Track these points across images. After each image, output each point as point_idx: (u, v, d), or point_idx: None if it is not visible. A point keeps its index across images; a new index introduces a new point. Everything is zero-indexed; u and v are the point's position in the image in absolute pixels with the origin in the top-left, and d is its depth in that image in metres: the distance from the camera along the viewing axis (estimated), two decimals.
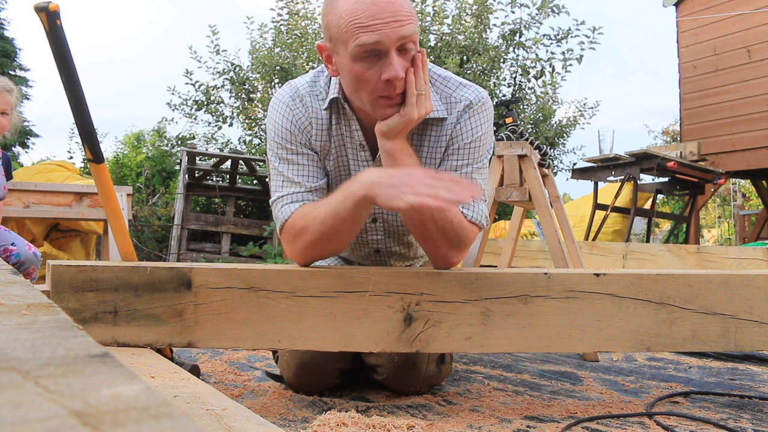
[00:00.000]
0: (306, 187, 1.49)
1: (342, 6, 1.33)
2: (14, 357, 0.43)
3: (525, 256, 4.20)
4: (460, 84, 1.53)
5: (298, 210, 1.45)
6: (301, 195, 1.48)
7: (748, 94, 6.92)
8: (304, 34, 7.59)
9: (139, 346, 1.31)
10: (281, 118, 1.51)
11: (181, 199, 6.46)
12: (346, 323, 1.38)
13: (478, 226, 1.48)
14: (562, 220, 2.47)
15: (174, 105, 8.40)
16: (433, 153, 1.52)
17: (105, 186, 1.57)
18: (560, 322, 1.41)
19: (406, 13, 1.32)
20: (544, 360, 2.20)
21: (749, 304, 1.44)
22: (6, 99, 2.62)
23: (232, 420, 0.80)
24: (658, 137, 16.10)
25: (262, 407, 1.52)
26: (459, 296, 1.40)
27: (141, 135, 10.22)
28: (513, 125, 2.72)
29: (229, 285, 1.35)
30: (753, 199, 13.13)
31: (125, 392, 0.35)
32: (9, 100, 2.62)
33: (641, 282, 1.42)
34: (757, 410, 1.55)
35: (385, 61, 1.32)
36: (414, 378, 1.65)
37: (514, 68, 7.63)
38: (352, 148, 1.53)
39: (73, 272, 1.29)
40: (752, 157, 6.88)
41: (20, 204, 3.63)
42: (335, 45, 1.37)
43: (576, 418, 1.44)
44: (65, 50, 1.42)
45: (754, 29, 6.89)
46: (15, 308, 0.66)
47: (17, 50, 15.93)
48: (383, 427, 1.27)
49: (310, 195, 1.49)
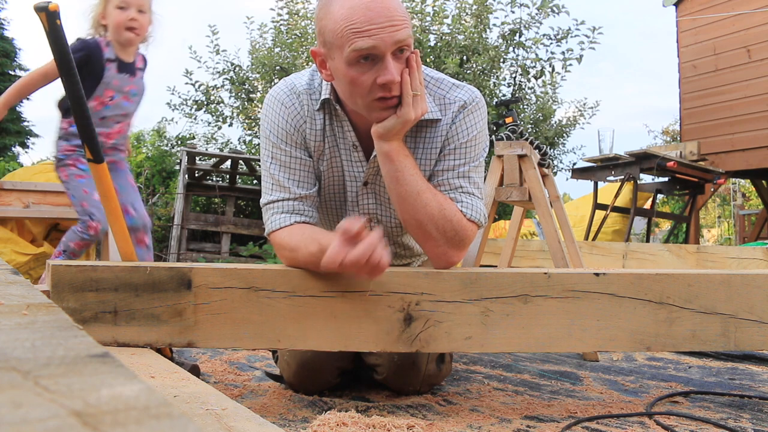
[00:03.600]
0: (295, 194, 1.49)
1: (337, 11, 1.33)
2: (14, 357, 0.43)
3: (525, 256, 4.20)
4: (453, 85, 1.53)
5: (287, 229, 1.46)
6: (290, 204, 1.48)
7: (748, 94, 6.91)
8: (304, 34, 7.59)
9: (139, 346, 1.31)
10: (277, 116, 1.51)
11: (181, 199, 6.45)
12: (346, 323, 1.38)
13: (477, 224, 1.48)
14: (562, 220, 2.47)
15: (174, 105, 8.40)
16: (427, 155, 1.52)
17: (105, 186, 1.57)
18: (560, 322, 1.41)
19: (400, 17, 1.32)
20: (544, 360, 2.20)
21: (749, 303, 1.44)
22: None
23: (232, 420, 0.80)
24: (658, 137, 16.12)
25: (262, 407, 1.52)
26: (459, 296, 1.40)
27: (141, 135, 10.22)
28: (513, 125, 2.72)
29: (229, 285, 1.35)
30: (753, 198, 13.13)
31: (125, 392, 0.35)
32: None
33: (641, 282, 1.42)
34: (757, 410, 1.55)
35: (381, 66, 1.32)
36: (414, 378, 1.65)
37: (514, 68, 7.63)
38: (346, 149, 1.53)
39: (73, 272, 1.29)
40: (752, 157, 6.88)
41: (20, 204, 3.63)
42: (330, 50, 1.37)
43: (576, 418, 1.44)
44: (65, 50, 1.42)
45: (754, 29, 6.88)
46: (15, 308, 0.66)
47: (17, 50, 15.96)
48: (383, 426, 1.27)
49: (300, 204, 1.49)
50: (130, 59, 2.49)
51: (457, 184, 1.49)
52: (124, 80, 2.47)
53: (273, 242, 1.50)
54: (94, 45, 2.41)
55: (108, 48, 2.43)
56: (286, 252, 1.44)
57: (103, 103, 2.43)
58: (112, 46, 2.43)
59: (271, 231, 1.49)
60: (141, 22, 2.41)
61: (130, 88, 2.49)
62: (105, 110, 2.44)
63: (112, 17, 2.39)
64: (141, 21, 2.41)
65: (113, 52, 2.44)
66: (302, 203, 1.50)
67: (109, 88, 2.42)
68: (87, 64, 2.37)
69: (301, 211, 1.49)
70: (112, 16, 2.39)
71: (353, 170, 1.54)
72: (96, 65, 2.39)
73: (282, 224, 1.47)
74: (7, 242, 3.79)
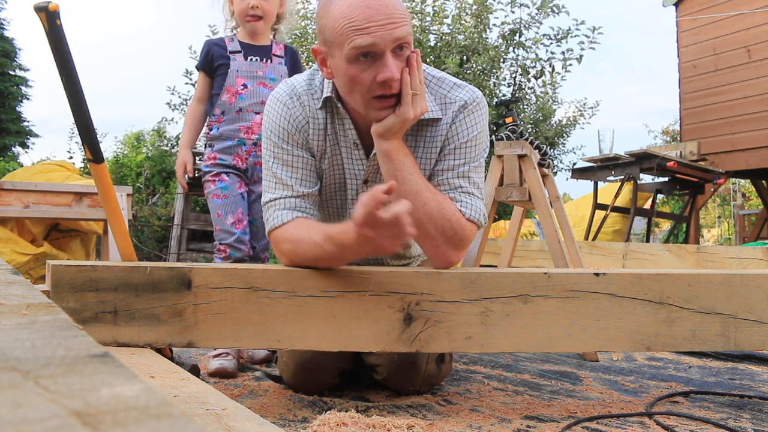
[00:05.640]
0: (297, 191, 1.49)
1: (336, 9, 1.33)
2: (14, 357, 0.43)
3: (525, 256, 4.20)
4: (454, 84, 1.53)
5: (290, 223, 1.46)
6: (292, 201, 1.48)
7: (748, 94, 6.91)
8: (303, 34, 7.59)
9: (139, 346, 1.31)
10: (279, 117, 1.51)
11: (180, 199, 6.45)
12: (346, 323, 1.38)
13: (477, 224, 1.48)
14: (562, 220, 2.47)
15: (174, 105, 8.41)
16: (428, 154, 1.52)
17: (105, 186, 1.57)
18: (560, 322, 1.41)
19: (400, 15, 1.33)
20: (544, 360, 2.20)
21: (749, 303, 1.44)
22: None
23: (232, 420, 0.80)
24: (658, 137, 16.12)
25: (262, 407, 1.52)
26: (459, 296, 1.40)
27: (141, 135, 10.22)
28: (513, 125, 2.72)
29: (229, 285, 1.35)
30: (753, 198, 13.13)
31: (125, 392, 0.35)
32: None
33: (641, 282, 1.42)
34: (757, 410, 1.55)
35: (380, 63, 1.33)
36: (414, 378, 1.65)
37: (514, 68, 7.63)
38: (346, 147, 1.53)
39: (73, 272, 1.29)
40: (752, 157, 6.88)
41: (20, 204, 3.63)
42: (330, 48, 1.38)
43: (576, 418, 1.44)
44: (65, 50, 1.42)
45: (754, 29, 6.88)
46: (15, 308, 0.66)
47: (17, 50, 15.97)
48: (383, 427, 1.27)
49: (302, 201, 1.49)
50: (263, 43, 2.34)
51: (456, 184, 1.49)
52: (256, 65, 2.30)
53: (274, 240, 1.49)
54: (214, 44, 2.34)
55: (232, 42, 2.32)
56: (288, 246, 1.43)
57: (237, 93, 2.27)
58: (236, 40, 2.32)
59: (273, 228, 1.48)
60: (264, 8, 2.27)
61: (265, 72, 2.30)
62: (240, 101, 2.27)
63: (235, 5, 2.30)
64: (264, 7, 2.26)
65: (238, 44, 2.31)
66: (304, 200, 1.50)
67: (239, 76, 2.27)
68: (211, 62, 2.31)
69: (303, 207, 1.49)
70: (235, 3, 2.30)
71: (354, 168, 1.55)
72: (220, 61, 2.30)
73: (284, 220, 1.46)
74: (7, 242, 3.79)
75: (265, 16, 2.27)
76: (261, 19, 2.27)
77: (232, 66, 2.27)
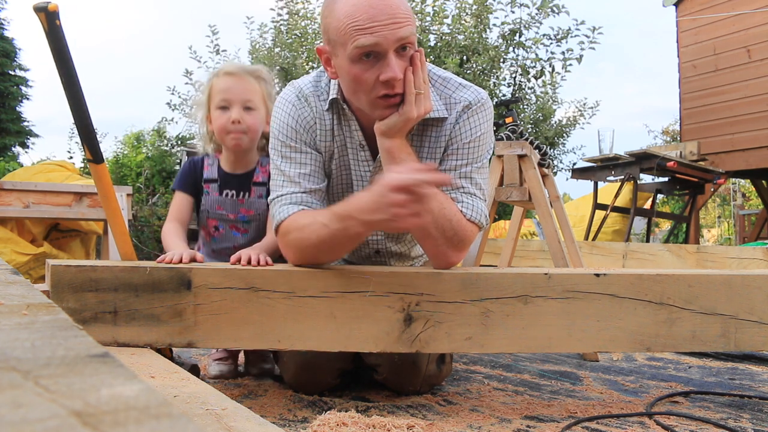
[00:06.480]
0: (305, 188, 1.49)
1: (340, 9, 1.34)
2: (14, 357, 0.43)
3: (525, 256, 4.20)
4: (459, 85, 1.54)
5: (296, 214, 1.45)
6: (299, 196, 1.48)
7: (748, 94, 6.92)
8: (304, 34, 7.59)
9: (139, 346, 1.31)
10: (286, 116, 1.52)
11: None
12: (346, 323, 1.37)
13: (478, 225, 1.48)
14: (562, 220, 2.47)
15: (174, 105, 8.41)
16: (432, 153, 1.52)
17: (105, 186, 1.57)
18: (560, 322, 1.41)
19: (403, 14, 1.33)
20: (544, 360, 2.20)
21: (749, 304, 1.44)
22: (249, 86, 1.88)
23: (232, 420, 0.80)
24: (658, 137, 16.13)
25: (262, 407, 1.52)
26: (459, 296, 1.40)
27: (141, 135, 10.23)
28: (513, 125, 2.73)
29: (229, 285, 1.35)
30: (753, 198, 13.13)
31: (125, 392, 0.35)
32: (254, 87, 1.89)
33: (641, 282, 1.42)
34: (757, 410, 1.55)
35: (384, 63, 1.33)
36: (414, 378, 1.65)
37: (514, 68, 7.64)
38: (353, 149, 1.54)
39: (73, 272, 1.29)
40: (752, 157, 6.88)
41: (20, 204, 3.63)
42: (334, 47, 1.38)
43: (576, 418, 1.44)
44: (65, 50, 1.41)
45: (754, 29, 6.88)
46: (15, 308, 0.66)
47: (17, 50, 15.97)
48: (383, 427, 1.27)
49: (309, 197, 1.49)
50: (247, 168, 1.94)
51: (458, 184, 1.49)
52: (228, 205, 1.92)
53: (281, 233, 1.47)
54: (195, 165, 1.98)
55: (210, 166, 1.96)
56: (294, 234, 1.42)
57: (210, 235, 1.95)
58: (215, 162, 1.96)
59: (280, 221, 1.47)
60: (248, 123, 1.86)
61: (237, 216, 1.92)
62: (213, 243, 1.95)
63: (214, 121, 1.89)
64: (248, 121, 1.86)
65: (215, 170, 1.95)
66: (311, 196, 1.49)
67: (210, 217, 1.93)
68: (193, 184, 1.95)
69: (309, 203, 1.49)
70: (214, 118, 1.89)
71: (360, 170, 1.55)
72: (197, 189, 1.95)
73: (290, 212, 1.46)
74: (7, 242, 3.79)
75: (249, 132, 1.87)
76: (245, 133, 1.87)
77: (204, 202, 1.94)
